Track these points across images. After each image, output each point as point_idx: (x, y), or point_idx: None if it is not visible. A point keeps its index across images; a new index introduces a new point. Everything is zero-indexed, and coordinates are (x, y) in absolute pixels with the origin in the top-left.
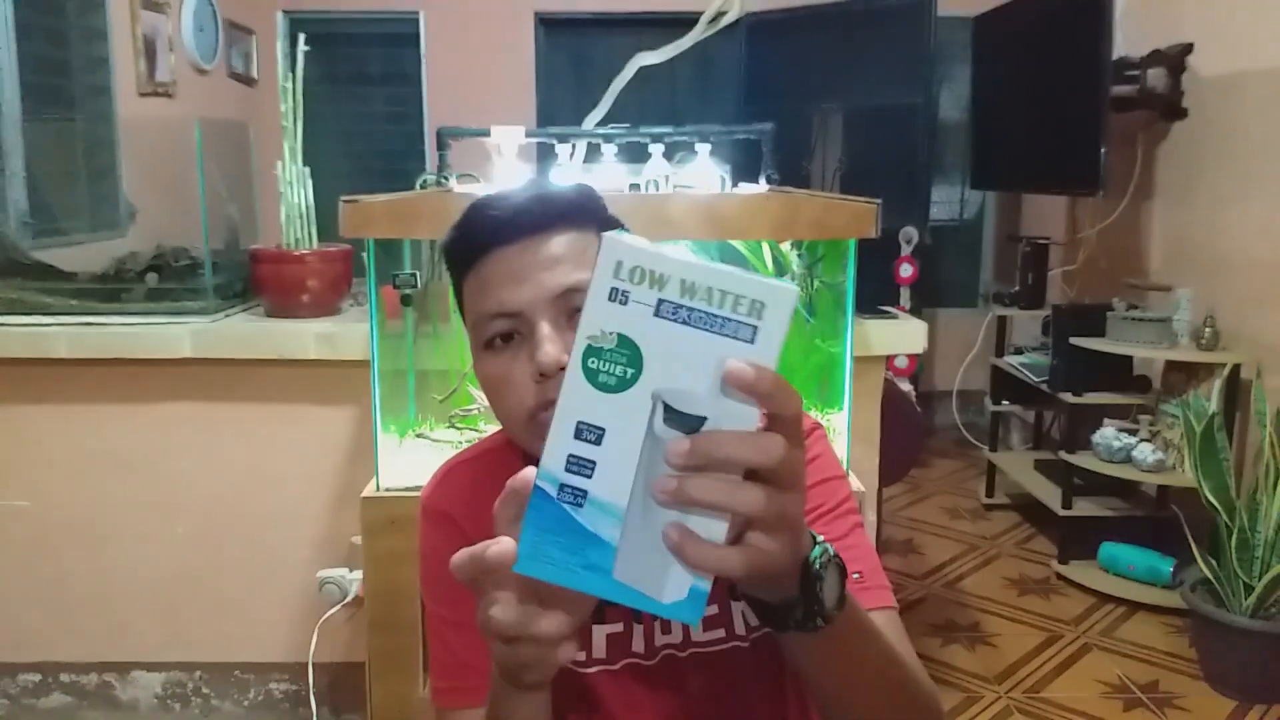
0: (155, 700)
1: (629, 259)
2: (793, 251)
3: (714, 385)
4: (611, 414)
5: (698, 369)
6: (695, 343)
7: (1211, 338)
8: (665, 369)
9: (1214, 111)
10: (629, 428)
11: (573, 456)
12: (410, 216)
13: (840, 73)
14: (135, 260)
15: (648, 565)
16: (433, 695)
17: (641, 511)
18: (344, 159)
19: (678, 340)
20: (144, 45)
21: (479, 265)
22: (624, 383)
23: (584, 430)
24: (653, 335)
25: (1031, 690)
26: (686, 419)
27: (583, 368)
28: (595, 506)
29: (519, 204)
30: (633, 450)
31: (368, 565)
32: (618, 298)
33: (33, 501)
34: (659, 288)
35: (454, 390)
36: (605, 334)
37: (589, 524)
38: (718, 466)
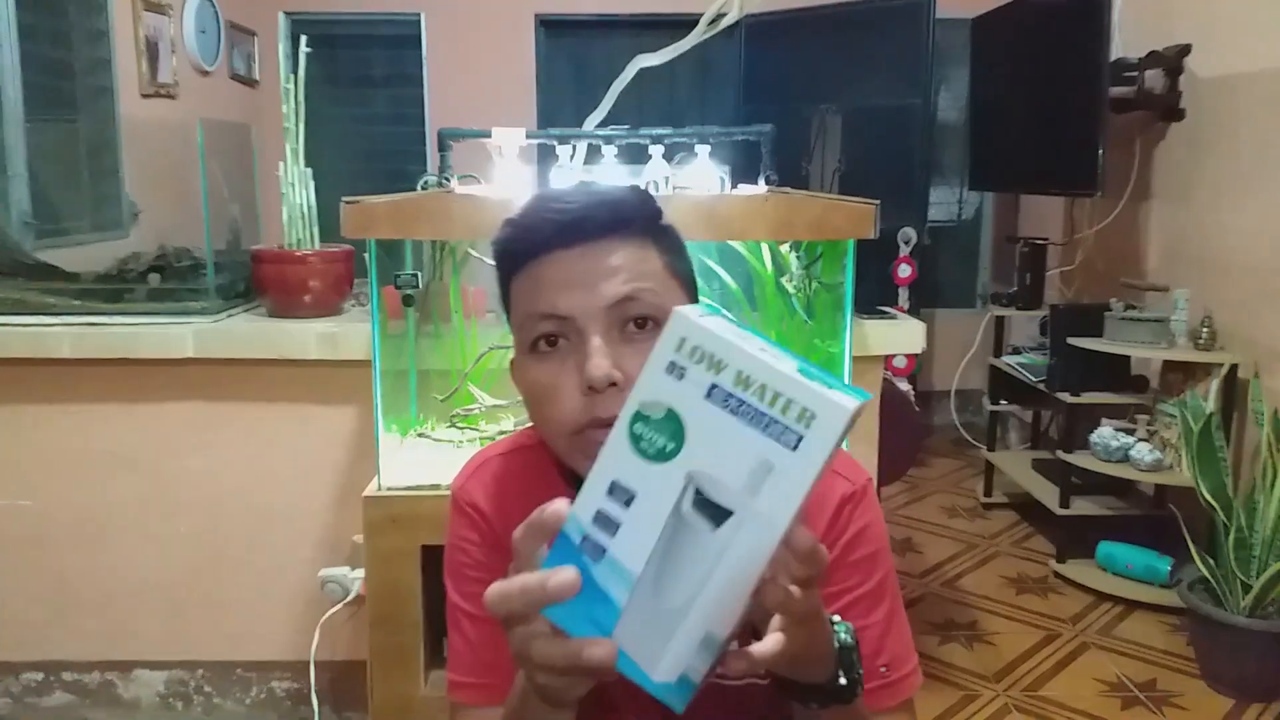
0: (157, 699)
1: (693, 337)
2: (792, 253)
3: (748, 482)
4: (645, 481)
5: (736, 461)
6: (739, 435)
7: (1209, 337)
8: (705, 452)
9: (1211, 112)
10: (658, 499)
11: (601, 512)
12: (412, 217)
13: (839, 74)
14: (137, 260)
15: (646, 638)
16: (449, 688)
17: (652, 583)
18: (346, 160)
19: (723, 428)
20: (146, 46)
21: (533, 265)
22: (663, 455)
23: (616, 489)
24: (700, 417)
25: (1029, 689)
26: (714, 509)
27: (628, 430)
28: (610, 566)
29: (582, 207)
30: (657, 521)
31: (369, 564)
32: (675, 372)
33: (35, 501)
34: (715, 372)
35: (455, 390)
36: (656, 404)
37: (601, 581)
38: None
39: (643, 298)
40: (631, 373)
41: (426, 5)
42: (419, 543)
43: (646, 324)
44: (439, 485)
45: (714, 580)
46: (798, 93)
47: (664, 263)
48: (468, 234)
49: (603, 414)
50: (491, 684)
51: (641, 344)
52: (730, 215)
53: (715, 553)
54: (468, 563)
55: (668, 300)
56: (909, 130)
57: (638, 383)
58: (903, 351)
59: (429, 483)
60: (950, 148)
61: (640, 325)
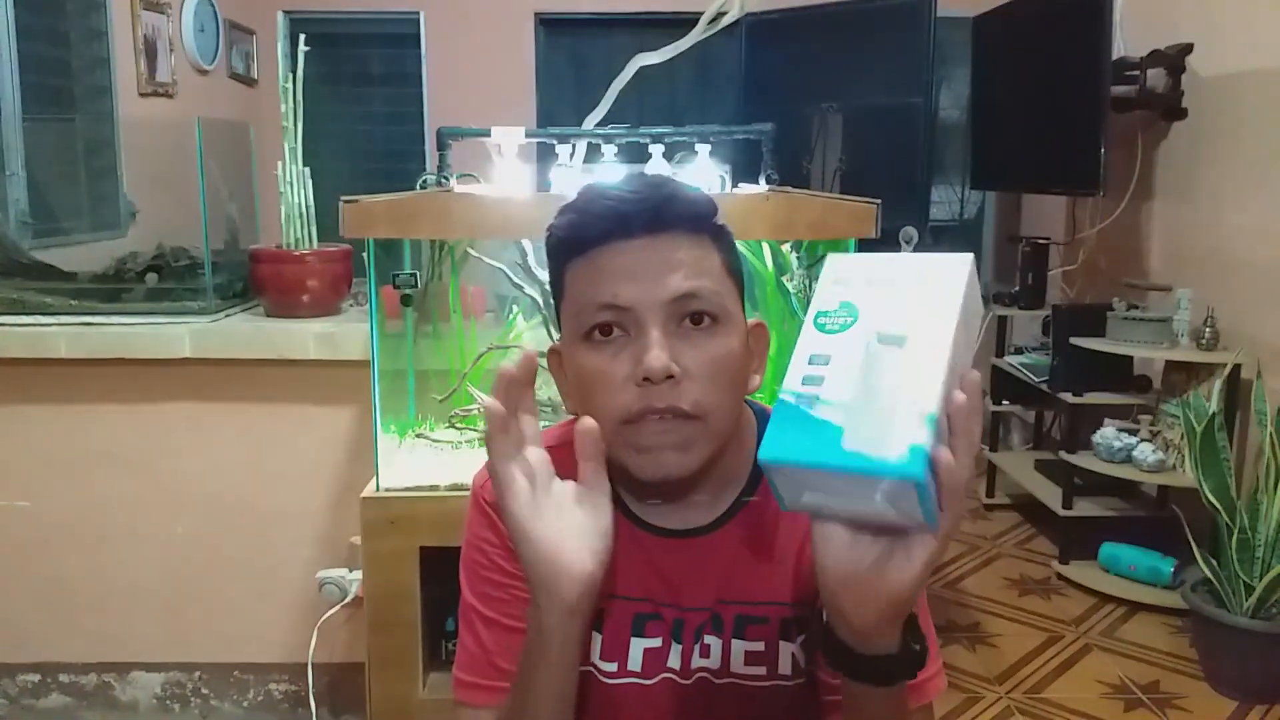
0: (154, 701)
1: (845, 260)
2: (792, 252)
3: (913, 317)
4: (836, 346)
5: (900, 313)
6: (897, 299)
7: (1211, 337)
8: (874, 315)
9: (1214, 111)
10: (851, 350)
11: (806, 376)
12: (410, 217)
13: (840, 73)
14: (135, 260)
15: (872, 434)
16: (456, 686)
17: (865, 395)
18: (344, 159)
19: (881, 298)
20: (144, 45)
21: (594, 253)
22: (845, 328)
23: (815, 359)
24: (867, 299)
25: (1032, 690)
26: (895, 338)
27: (814, 325)
28: (826, 404)
29: (646, 198)
30: (854, 363)
31: (367, 565)
32: (839, 283)
33: (32, 501)
34: (863, 270)
35: (454, 390)
36: (831, 301)
37: (821, 415)
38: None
39: (703, 294)
40: (688, 366)
41: (426, 4)
42: (417, 544)
43: (703, 320)
44: (437, 486)
45: (912, 375)
46: (798, 92)
47: (722, 260)
48: (467, 233)
49: (657, 404)
50: (501, 688)
51: (698, 340)
52: (731, 214)
53: (905, 360)
54: (484, 564)
55: (725, 299)
56: (910, 129)
57: (815, 298)
58: None
59: (427, 484)
60: (952, 147)
61: (696, 322)
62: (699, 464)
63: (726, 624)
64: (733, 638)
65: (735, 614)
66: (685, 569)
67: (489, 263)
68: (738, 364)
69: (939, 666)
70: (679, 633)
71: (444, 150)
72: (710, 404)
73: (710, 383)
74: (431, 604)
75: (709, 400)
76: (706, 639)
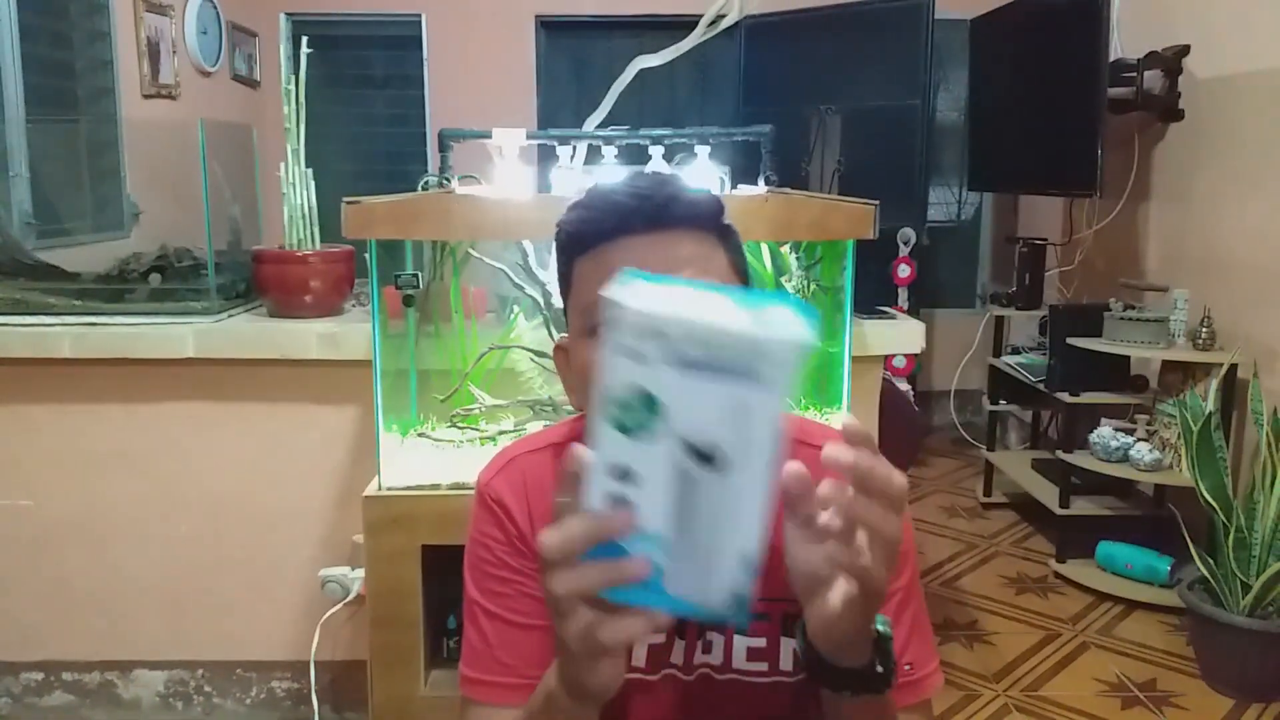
0: (157, 699)
1: (637, 318)
2: (791, 254)
3: (731, 423)
4: (641, 456)
5: (714, 411)
6: (709, 389)
7: (1208, 337)
8: (683, 413)
9: (1210, 113)
10: (658, 466)
11: (610, 494)
12: (412, 218)
13: (838, 75)
14: (138, 261)
15: (693, 580)
16: (461, 682)
17: (681, 534)
18: (346, 160)
19: (692, 388)
20: (147, 47)
21: (601, 249)
22: (648, 429)
23: (617, 472)
24: (669, 385)
25: (1029, 688)
26: (708, 456)
27: (608, 419)
28: (639, 538)
29: (655, 196)
30: (664, 485)
31: (369, 564)
32: (630, 355)
33: (36, 500)
34: (667, 342)
35: (455, 390)
36: (624, 387)
37: (635, 552)
38: (867, 487)
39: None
40: None
41: (427, 6)
42: (419, 543)
43: None
44: (439, 485)
45: (733, 512)
46: (797, 93)
47: (728, 260)
48: (468, 234)
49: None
50: (505, 683)
51: None
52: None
53: (723, 490)
54: (489, 559)
55: None
56: (908, 131)
57: (601, 374)
58: (902, 351)
59: (429, 483)
60: (949, 148)
61: None
62: None
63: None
64: (735, 634)
65: None
66: None
67: (490, 263)
68: None
69: (936, 664)
70: (682, 628)
71: (445, 152)
72: None
73: None
74: (433, 602)
75: None
76: (709, 635)
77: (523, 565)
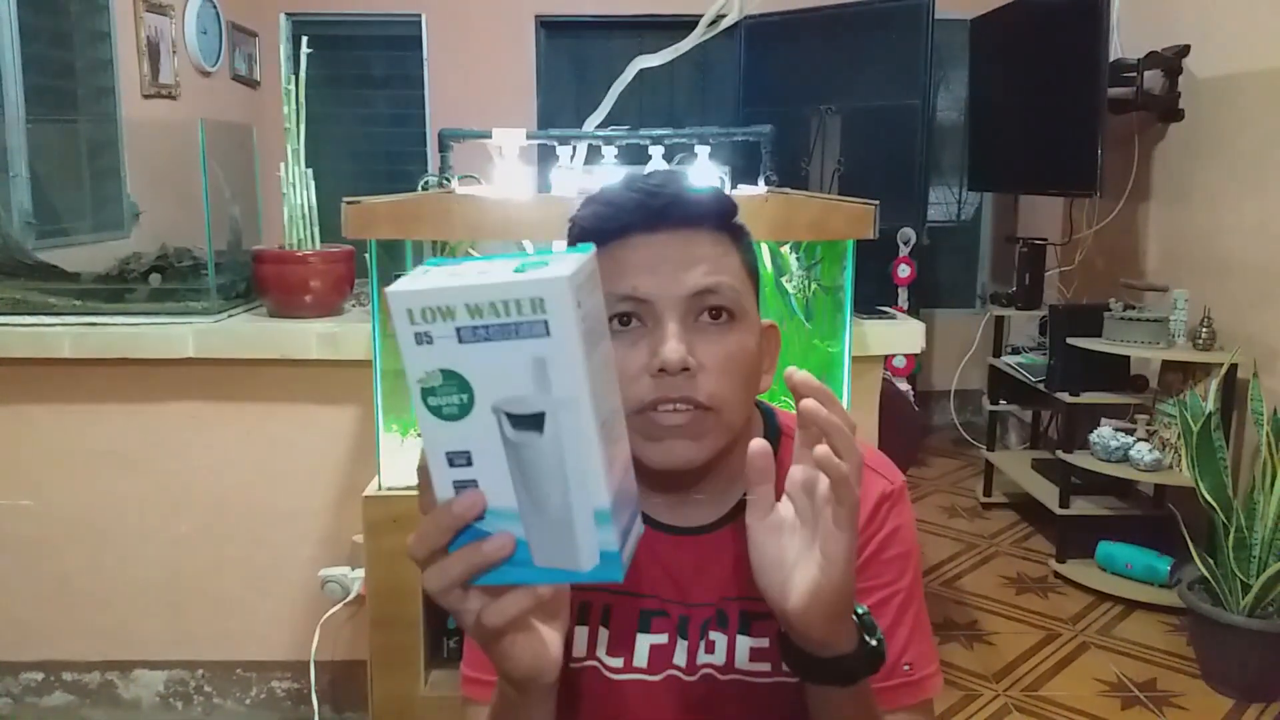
0: (157, 699)
1: (416, 303)
2: (792, 254)
3: (537, 382)
4: (468, 437)
5: (517, 374)
6: (504, 354)
7: (1208, 337)
8: (491, 384)
9: (1210, 113)
10: (485, 445)
11: (455, 482)
12: (412, 218)
13: (838, 75)
14: (138, 261)
15: (556, 546)
16: (462, 682)
17: (531, 505)
18: (347, 160)
19: (488, 356)
20: (147, 47)
21: (616, 245)
22: (464, 408)
23: (453, 458)
24: (467, 360)
25: (1029, 688)
26: (529, 419)
27: (426, 407)
28: (492, 515)
29: (670, 194)
30: (500, 459)
31: (369, 564)
32: (423, 340)
33: (36, 500)
34: (451, 319)
35: None
36: (428, 374)
37: (494, 529)
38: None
39: (722, 291)
40: (703, 360)
41: (427, 6)
42: None
43: (721, 316)
44: None
45: (569, 468)
46: (797, 93)
47: (741, 260)
48: (468, 234)
49: (671, 394)
50: None
51: (713, 335)
52: None
53: (554, 449)
54: None
55: (743, 297)
56: (908, 131)
57: (405, 366)
58: (902, 351)
59: None
60: (949, 148)
61: (715, 317)
62: (709, 455)
63: (732, 620)
64: (738, 634)
65: (740, 610)
66: (691, 566)
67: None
68: (752, 361)
69: (937, 665)
70: (685, 629)
71: (445, 152)
72: (724, 397)
73: (725, 377)
74: (433, 602)
75: (723, 393)
76: (712, 635)
77: None
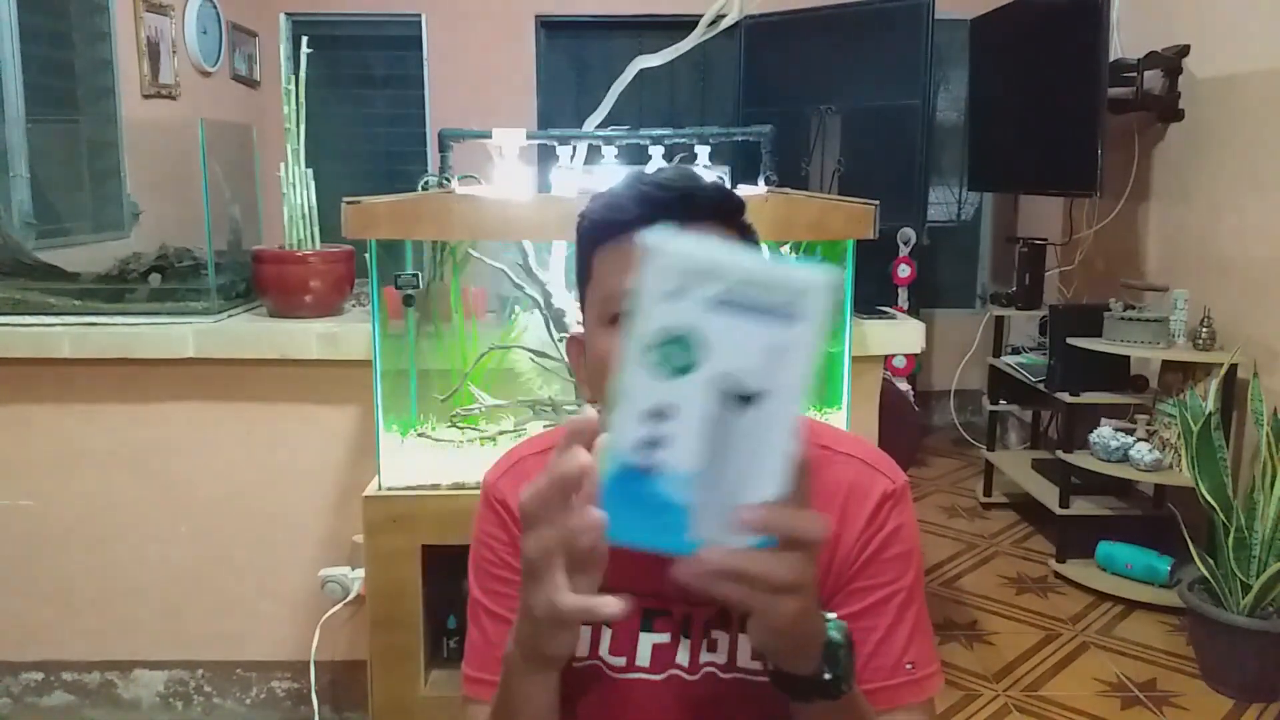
0: (157, 699)
1: (677, 261)
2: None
3: (765, 365)
4: (675, 396)
5: (747, 351)
6: (748, 329)
7: (1208, 337)
8: (719, 353)
9: (1210, 113)
10: (694, 405)
11: (642, 438)
12: (412, 217)
13: (838, 75)
14: (138, 261)
15: (714, 527)
16: (464, 681)
17: (709, 476)
18: (346, 160)
19: (727, 328)
20: (147, 47)
21: (624, 240)
22: (684, 369)
23: (651, 413)
24: (704, 326)
25: (1029, 688)
26: (742, 397)
27: (644, 360)
28: (669, 477)
29: (679, 189)
30: (702, 425)
31: (369, 564)
32: (669, 297)
33: (36, 500)
34: (710, 284)
35: (455, 390)
36: (664, 329)
37: (665, 492)
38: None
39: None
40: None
41: (427, 6)
42: (419, 542)
43: None
44: (439, 485)
45: (759, 454)
46: (797, 93)
47: None
48: (468, 234)
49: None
50: None
51: None
52: None
53: (752, 431)
54: (492, 560)
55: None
56: (908, 131)
57: (638, 317)
58: (902, 351)
59: (429, 483)
60: (949, 148)
61: None
62: None
63: (733, 619)
64: (740, 633)
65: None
66: None
67: (490, 263)
68: None
69: (938, 665)
70: (687, 628)
71: (445, 152)
72: None
73: None
74: (433, 602)
75: None
76: (714, 634)
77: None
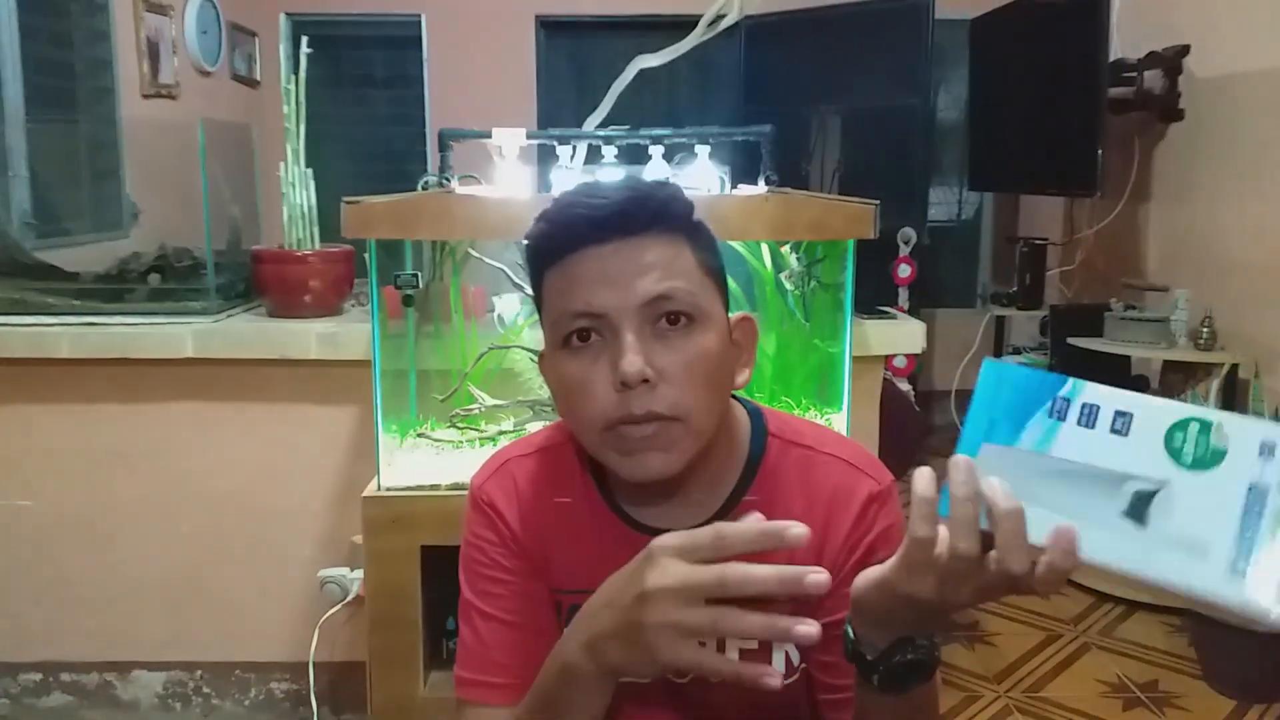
0: (156, 700)
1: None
2: (792, 253)
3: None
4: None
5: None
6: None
7: (1209, 338)
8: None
9: (1210, 113)
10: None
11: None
12: (412, 217)
13: (839, 75)
14: (138, 261)
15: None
16: (457, 684)
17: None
18: (346, 160)
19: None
20: (147, 47)
21: (567, 261)
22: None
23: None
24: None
25: (1031, 689)
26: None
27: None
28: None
29: (615, 203)
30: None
31: (369, 564)
32: (1267, 453)
33: (35, 501)
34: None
35: (455, 390)
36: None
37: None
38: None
39: (677, 295)
40: (664, 369)
41: (427, 6)
42: (419, 543)
43: (679, 321)
44: (438, 486)
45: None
46: (797, 93)
47: (697, 260)
48: (468, 234)
49: (636, 410)
50: (500, 683)
51: (674, 341)
52: (730, 215)
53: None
54: (483, 561)
55: (701, 297)
56: (909, 131)
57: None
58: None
59: (429, 483)
60: (950, 148)
61: (673, 322)
62: (683, 464)
63: None
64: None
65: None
66: None
67: (490, 263)
68: (716, 362)
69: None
70: None
71: (445, 151)
72: (689, 405)
73: (688, 383)
74: (432, 603)
75: (687, 401)
76: None
77: (516, 566)
